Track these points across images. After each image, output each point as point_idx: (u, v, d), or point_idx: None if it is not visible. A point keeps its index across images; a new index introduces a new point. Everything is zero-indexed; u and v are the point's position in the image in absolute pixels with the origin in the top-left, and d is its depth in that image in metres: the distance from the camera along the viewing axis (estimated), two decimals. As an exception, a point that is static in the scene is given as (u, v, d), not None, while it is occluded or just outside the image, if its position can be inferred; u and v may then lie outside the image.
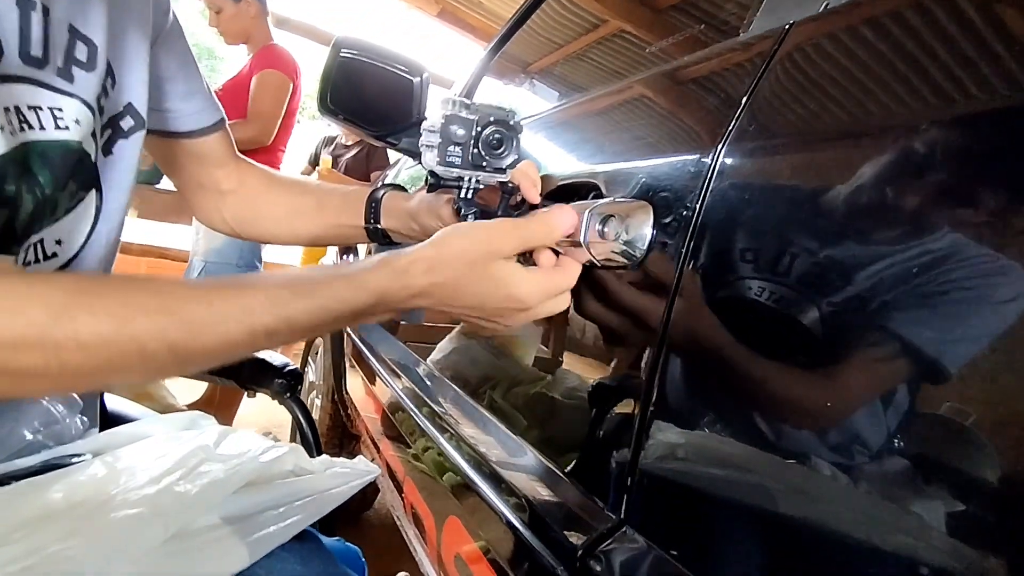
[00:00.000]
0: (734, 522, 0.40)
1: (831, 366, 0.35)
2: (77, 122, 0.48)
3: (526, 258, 0.50)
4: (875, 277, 0.32)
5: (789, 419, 0.37)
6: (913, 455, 0.30)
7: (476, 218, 0.55)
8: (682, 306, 0.45)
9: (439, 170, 0.51)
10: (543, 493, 0.59)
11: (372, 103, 1.02)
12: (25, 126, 0.45)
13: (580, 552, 0.48)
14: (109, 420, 0.65)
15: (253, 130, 1.86)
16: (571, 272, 0.47)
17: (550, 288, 0.46)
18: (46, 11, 0.45)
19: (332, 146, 2.98)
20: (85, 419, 0.57)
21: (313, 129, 3.20)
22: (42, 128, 0.46)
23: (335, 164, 2.87)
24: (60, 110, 0.47)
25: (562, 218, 0.45)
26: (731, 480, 0.40)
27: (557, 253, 0.50)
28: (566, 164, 0.72)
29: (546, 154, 0.77)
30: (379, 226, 0.68)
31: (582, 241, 0.49)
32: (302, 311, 0.40)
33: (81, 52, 0.49)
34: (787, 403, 0.38)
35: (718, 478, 0.41)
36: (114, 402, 0.72)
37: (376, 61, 1.02)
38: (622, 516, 0.47)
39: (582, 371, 0.61)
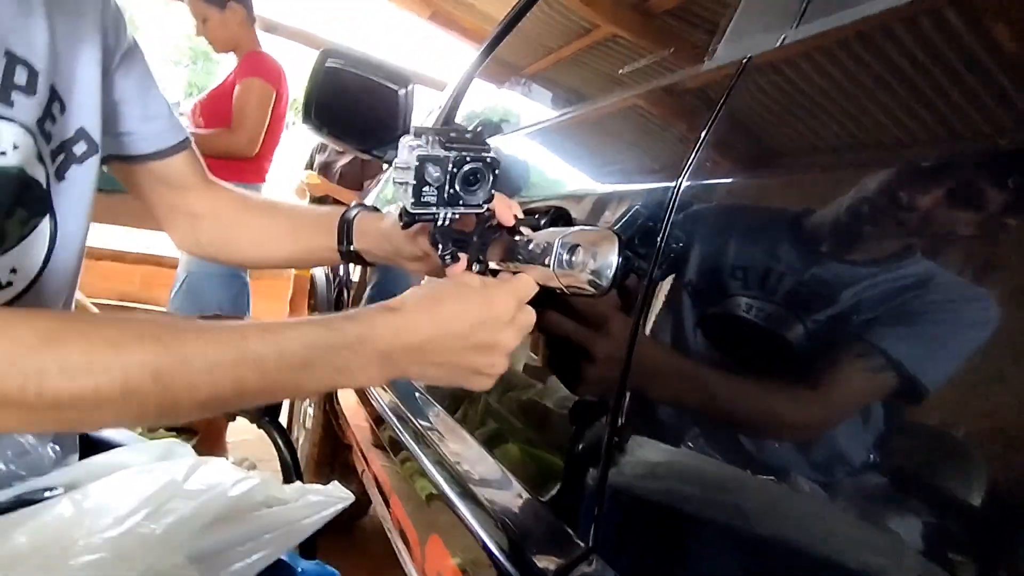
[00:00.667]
0: (701, 553, 0.40)
1: (797, 385, 0.36)
2: (15, 147, 0.48)
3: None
4: (836, 297, 0.33)
5: (757, 442, 0.38)
6: (895, 472, 0.31)
7: (453, 255, 0.53)
8: (646, 333, 0.46)
9: (413, 211, 0.49)
10: (519, 516, 0.59)
11: (357, 115, 1.02)
12: None
13: (550, 578, 0.48)
14: (90, 444, 0.65)
15: (239, 140, 1.84)
16: (528, 279, 0.49)
17: (517, 290, 0.48)
18: None
19: (326, 152, 2.97)
20: (57, 448, 0.57)
21: (306, 134, 3.18)
22: None
23: (328, 169, 2.86)
24: None
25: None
26: (697, 510, 0.41)
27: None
28: (538, 188, 0.72)
29: (518, 177, 0.77)
30: (352, 248, 0.68)
31: (551, 270, 0.49)
32: (294, 340, 0.39)
33: (20, 76, 0.48)
34: (754, 425, 0.38)
35: (684, 509, 0.42)
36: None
37: (361, 72, 1.01)
38: (590, 544, 0.48)
39: (555, 395, 0.62)
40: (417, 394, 0.98)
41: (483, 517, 0.62)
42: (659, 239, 0.45)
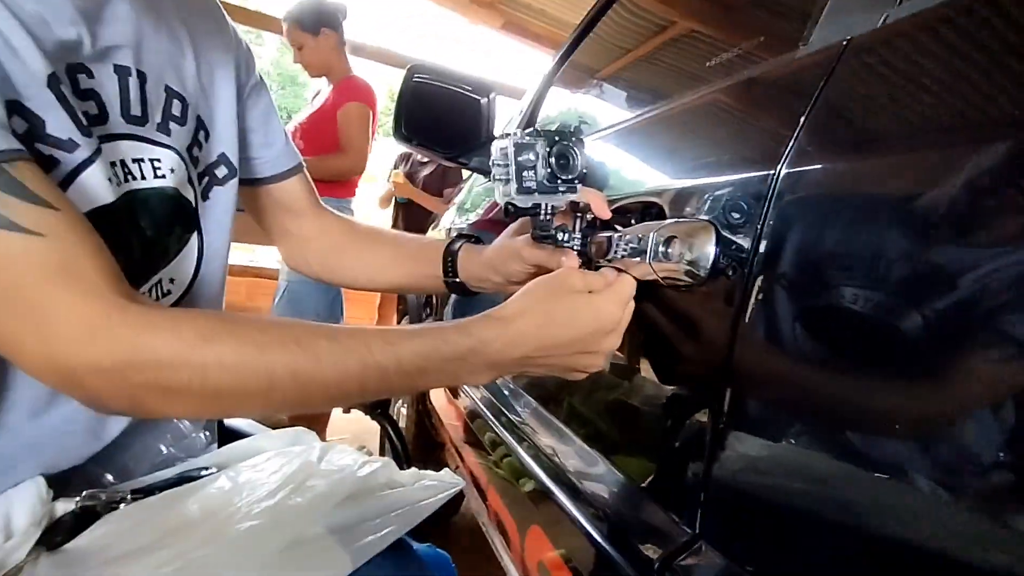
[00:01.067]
0: (809, 538, 0.40)
1: (913, 379, 0.35)
2: (172, 171, 0.55)
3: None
4: (956, 283, 0.32)
5: (865, 437, 0.37)
6: (1019, 468, 0.29)
7: (555, 242, 0.57)
8: (748, 322, 0.46)
9: (518, 200, 0.52)
10: (621, 505, 0.61)
11: (443, 125, 1.07)
12: (129, 177, 0.53)
13: (657, 565, 0.49)
14: (226, 434, 0.73)
15: (348, 161, 1.99)
16: (628, 278, 0.51)
17: (622, 295, 0.50)
18: (142, 75, 0.52)
19: (408, 164, 3.10)
20: (207, 434, 0.65)
21: (389, 146, 3.34)
22: (143, 178, 0.53)
23: (412, 180, 2.98)
24: (158, 160, 0.54)
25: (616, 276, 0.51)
26: (806, 495, 0.41)
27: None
28: (630, 184, 0.73)
29: (609, 173, 0.78)
30: (457, 279, 0.71)
31: (648, 263, 0.51)
32: (409, 351, 0.44)
33: (176, 108, 0.56)
34: (863, 420, 0.38)
35: (792, 493, 0.42)
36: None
37: (446, 84, 1.07)
38: (697, 531, 0.48)
39: (659, 395, 0.62)
40: (509, 389, 1.01)
41: (584, 506, 0.64)
42: (758, 227, 0.45)
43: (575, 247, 0.57)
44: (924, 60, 0.40)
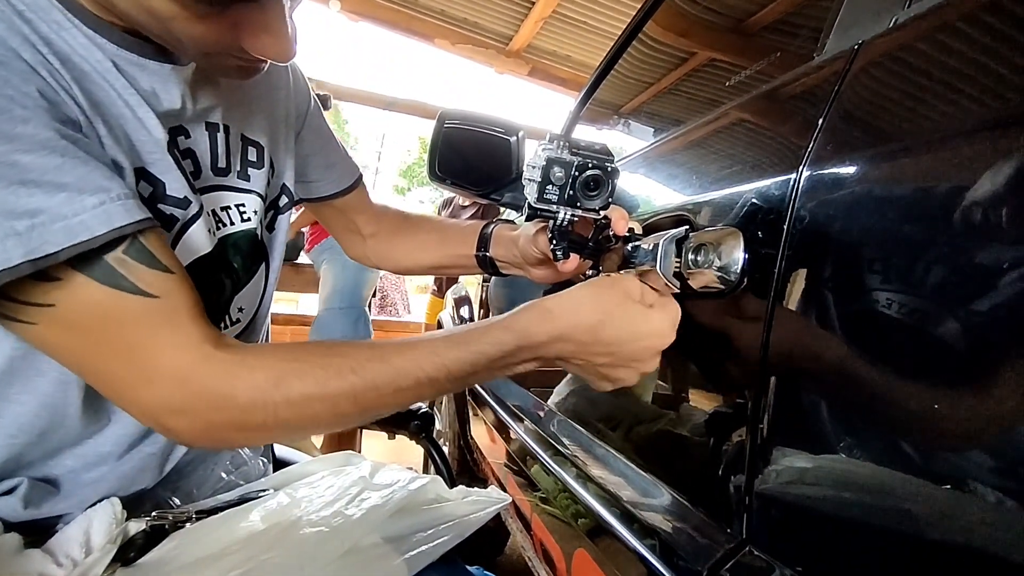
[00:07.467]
0: (851, 535, 0.40)
1: (948, 385, 0.34)
2: (255, 212, 0.60)
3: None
4: (994, 283, 0.31)
5: (896, 431, 0.37)
6: None
7: (564, 251, 0.58)
8: (782, 325, 0.47)
9: (535, 204, 0.54)
10: (666, 520, 0.60)
11: (475, 165, 1.12)
12: (220, 224, 0.57)
13: (705, 573, 0.49)
14: (277, 463, 0.76)
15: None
16: (676, 302, 0.52)
17: (674, 315, 0.51)
18: (227, 129, 0.57)
19: (450, 208, 3.24)
20: (264, 460, 0.68)
21: (424, 194, 3.50)
22: (232, 223, 0.58)
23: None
24: (243, 205, 0.59)
25: None
26: (848, 496, 0.40)
27: None
28: (655, 203, 0.76)
29: (637, 193, 0.81)
30: (487, 254, 0.75)
31: (658, 271, 0.52)
32: (456, 359, 0.46)
33: (252, 154, 0.60)
34: (892, 414, 0.37)
35: (834, 495, 0.41)
36: (279, 449, 0.84)
37: (476, 127, 1.12)
38: (744, 536, 0.48)
39: (699, 402, 0.63)
40: (556, 419, 1.02)
41: (628, 524, 0.64)
42: (784, 229, 0.47)
43: (586, 256, 0.59)
44: (932, 57, 0.41)
